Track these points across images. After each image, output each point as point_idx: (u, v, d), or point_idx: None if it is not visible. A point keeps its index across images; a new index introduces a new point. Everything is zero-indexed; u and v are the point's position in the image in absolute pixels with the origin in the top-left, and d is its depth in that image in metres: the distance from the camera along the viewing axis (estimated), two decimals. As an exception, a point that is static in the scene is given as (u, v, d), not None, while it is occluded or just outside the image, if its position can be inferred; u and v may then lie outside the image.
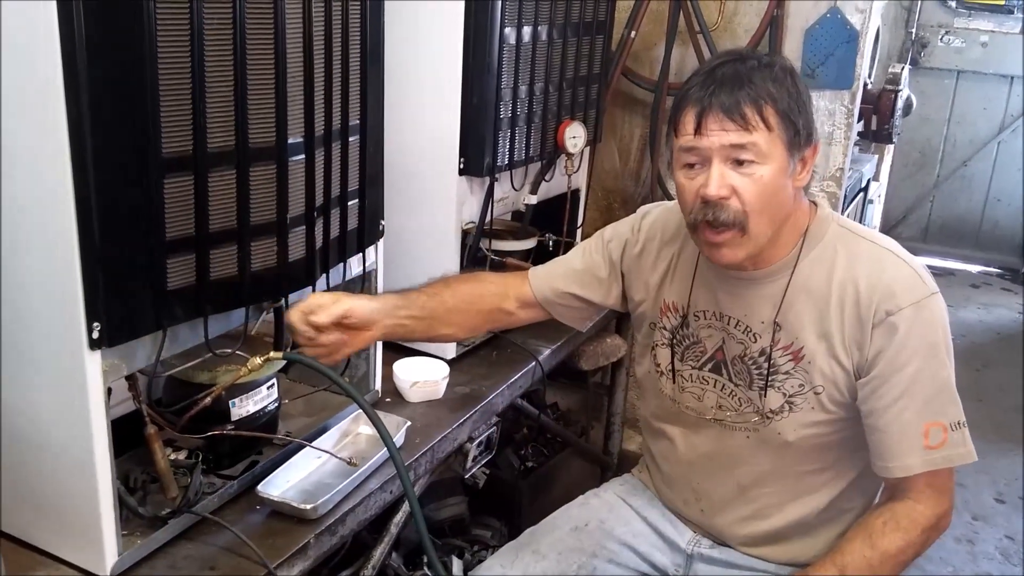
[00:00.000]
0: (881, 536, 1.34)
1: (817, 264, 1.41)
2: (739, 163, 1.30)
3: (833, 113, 2.47)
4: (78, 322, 1.11)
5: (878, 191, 4.25)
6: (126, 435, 1.35)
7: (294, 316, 1.40)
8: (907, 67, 3.54)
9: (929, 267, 1.42)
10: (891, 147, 4.23)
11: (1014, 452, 3.48)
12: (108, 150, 1.07)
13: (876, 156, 3.88)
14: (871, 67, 3.52)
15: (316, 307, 1.40)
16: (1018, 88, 5.43)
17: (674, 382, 1.56)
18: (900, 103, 3.42)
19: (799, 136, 1.33)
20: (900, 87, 3.41)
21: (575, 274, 1.64)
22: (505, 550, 1.63)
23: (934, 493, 1.36)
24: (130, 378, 1.28)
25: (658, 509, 1.65)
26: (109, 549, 1.23)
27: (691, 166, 1.34)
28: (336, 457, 1.50)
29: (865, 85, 3.04)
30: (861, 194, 3.66)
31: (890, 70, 3.47)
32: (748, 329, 1.45)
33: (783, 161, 1.32)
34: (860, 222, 3.59)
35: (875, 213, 4.28)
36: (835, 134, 2.49)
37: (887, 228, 5.48)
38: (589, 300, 1.64)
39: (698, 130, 1.30)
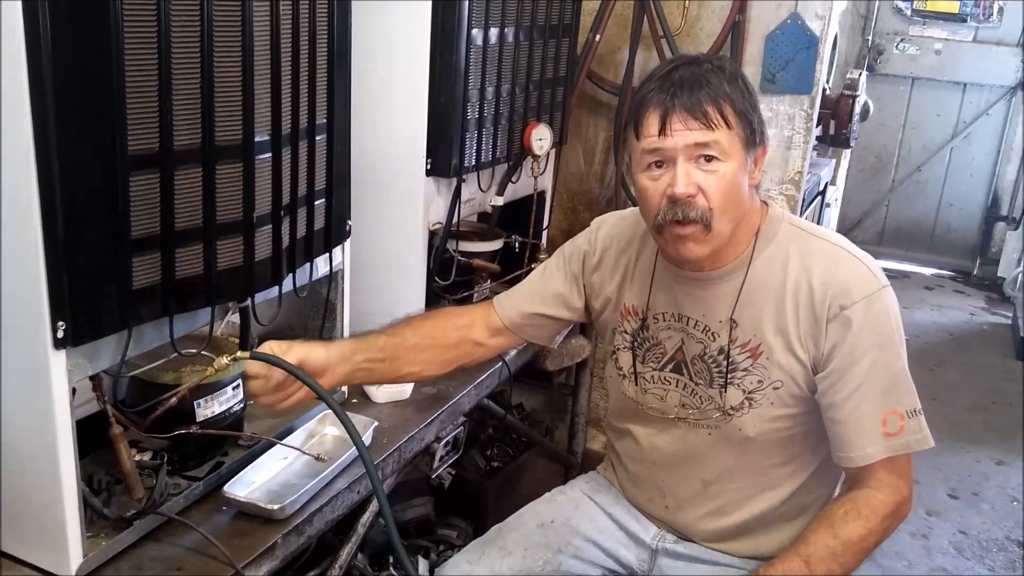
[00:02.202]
0: (843, 525, 1.37)
1: (771, 262, 1.44)
2: (705, 160, 1.34)
3: (793, 117, 2.51)
4: (43, 321, 1.10)
5: (835, 195, 4.31)
6: (89, 436, 1.33)
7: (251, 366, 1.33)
8: (864, 73, 3.60)
9: (884, 269, 1.46)
10: (848, 152, 4.30)
11: (966, 449, 3.57)
12: (73, 148, 1.06)
13: (834, 160, 3.94)
14: (829, 73, 3.57)
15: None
16: (970, 95, 5.57)
17: (636, 384, 1.58)
18: (857, 108, 3.48)
19: (754, 134, 1.38)
20: (857, 93, 3.47)
21: (539, 294, 1.66)
22: (472, 547, 1.64)
23: (893, 480, 1.39)
24: (94, 378, 1.27)
25: (623, 506, 1.67)
26: (74, 551, 1.22)
27: (654, 167, 1.37)
28: (304, 453, 1.49)
29: (824, 90, 3.09)
30: (819, 197, 3.72)
31: (848, 76, 3.53)
32: (707, 328, 1.48)
33: (742, 158, 1.36)
34: (818, 225, 3.65)
35: (832, 216, 4.35)
36: (794, 138, 2.53)
37: (844, 231, 5.58)
38: (556, 317, 1.66)
39: (662, 131, 1.33)
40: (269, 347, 1.34)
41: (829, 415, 1.41)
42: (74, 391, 1.19)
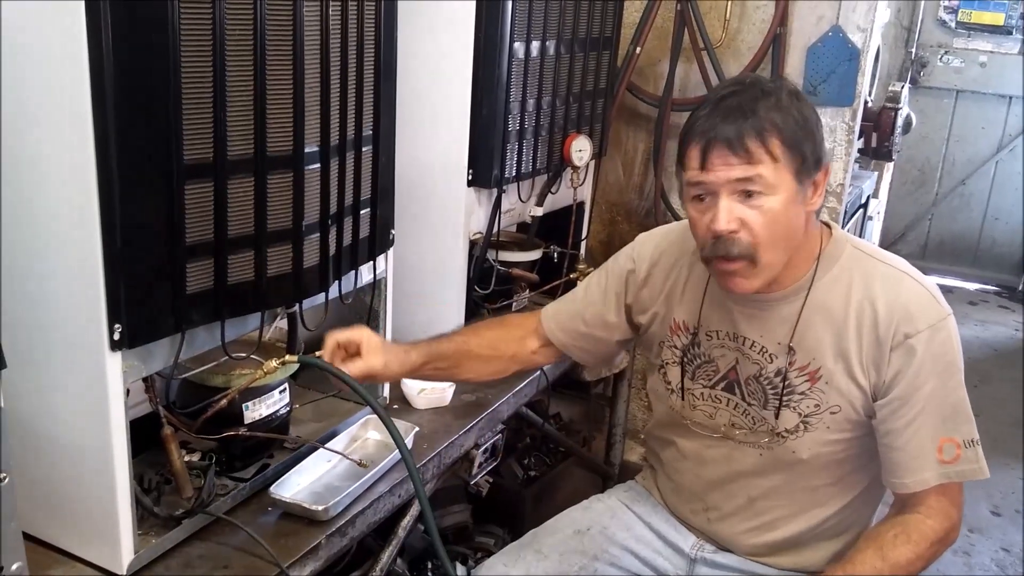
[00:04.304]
0: (892, 548, 1.36)
1: (833, 285, 1.42)
2: (747, 195, 1.30)
3: (834, 130, 2.50)
4: (100, 323, 1.14)
5: (877, 208, 4.28)
6: (140, 437, 1.37)
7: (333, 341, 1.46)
8: (907, 86, 3.59)
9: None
10: (891, 164, 4.26)
11: (1010, 466, 3.51)
12: (132, 157, 1.10)
13: (876, 173, 3.91)
14: (871, 85, 3.56)
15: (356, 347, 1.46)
16: (1016, 108, 5.48)
17: (684, 400, 1.57)
18: (900, 121, 3.46)
19: (807, 163, 1.32)
20: (900, 105, 3.45)
21: (580, 314, 1.66)
22: (508, 549, 1.66)
23: (944, 507, 1.38)
24: (146, 380, 1.31)
25: (661, 515, 1.68)
26: (126, 548, 1.26)
27: (700, 199, 1.35)
28: (347, 458, 1.52)
29: (865, 103, 3.08)
30: (861, 210, 3.70)
31: (890, 88, 3.52)
32: (764, 350, 1.46)
33: (791, 190, 1.32)
34: (859, 238, 3.62)
35: (874, 230, 4.32)
36: (836, 150, 2.53)
37: (886, 245, 5.50)
38: (598, 336, 1.66)
39: (703, 166, 1.31)
40: (361, 333, 1.46)
41: (886, 441, 1.40)
42: (127, 392, 1.23)
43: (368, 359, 1.45)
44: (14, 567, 0.98)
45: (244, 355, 1.39)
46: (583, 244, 2.35)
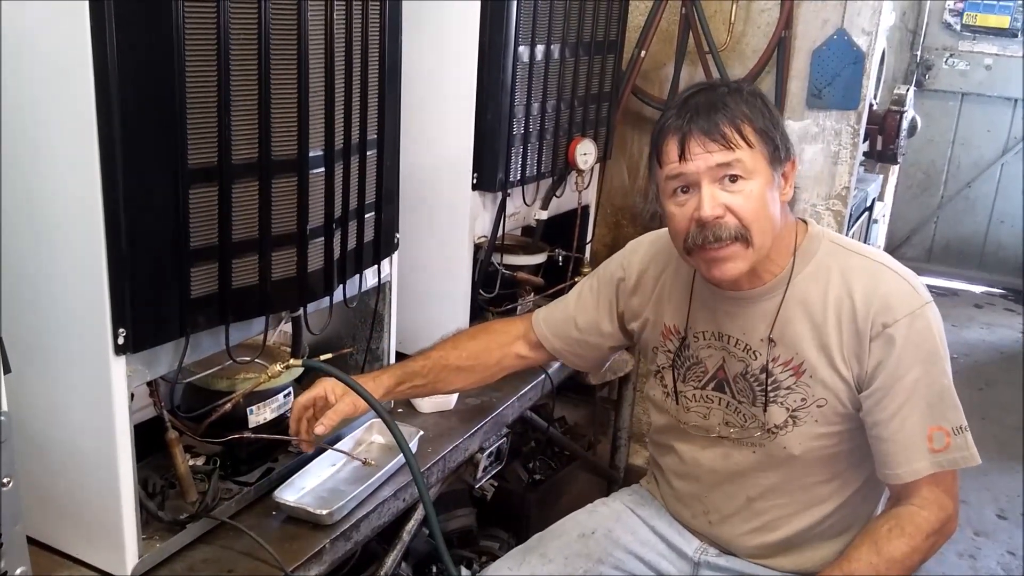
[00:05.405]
0: (887, 542, 1.36)
1: (812, 280, 1.44)
2: (730, 180, 1.34)
3: (839, 133, 2.50)
4: (104, 328, 1.14)
5: (883, 211, 4.27)
6: (144, 441, 1.37)
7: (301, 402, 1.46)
8: (912, 89, 3.58)
9: (933, 287, 1.45)
10: (896, 168, 4.26)
11: (1016, 470, 3.50)
12: (136, 161, 1.10)
13: (881, 176, 3.90)
14: (877, 88, 3.55)
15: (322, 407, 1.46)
16: (1021, 111, 5.47)
17: (678, 403, 1.58)
18: (905, 124, 3.45)
19: (778, 151, 1.38)
20: (905, 108, 3.44)
21: (572, 319, 1.69)
22: (513, 553, 1.66)
23: (938, 498, 1.38)
24: (151, 384, 1.31)
25: (665, 519, 1.68)
26: (130, 552, 1.26)
27: (680, 193, 1.38)
28: (353, 458, 1.52)
29: (871, 106, 3.07)
30: (866, 213, 3.69)
31: (895, 91, 3.51)
32: (747, 347, 1.48)
33: (768, 175, 1.36)
34: (865, 241, 3.62)
35: (880, 233, 4.31)
36: (841, 153, 2.52)
37: (891, 248, 5.50)
38: (590, 343, 1.69)
39: (682, 156, 1.34)
40: (324, 385, 1.46)
41: (874, 433, 1.40)
42: (132, 396, 1.23)
43: (338, 406, 1.45)
44: (18, 571, 0.98)
45: (248, 359, 1.39)
46: (588, 248, 2.35)
